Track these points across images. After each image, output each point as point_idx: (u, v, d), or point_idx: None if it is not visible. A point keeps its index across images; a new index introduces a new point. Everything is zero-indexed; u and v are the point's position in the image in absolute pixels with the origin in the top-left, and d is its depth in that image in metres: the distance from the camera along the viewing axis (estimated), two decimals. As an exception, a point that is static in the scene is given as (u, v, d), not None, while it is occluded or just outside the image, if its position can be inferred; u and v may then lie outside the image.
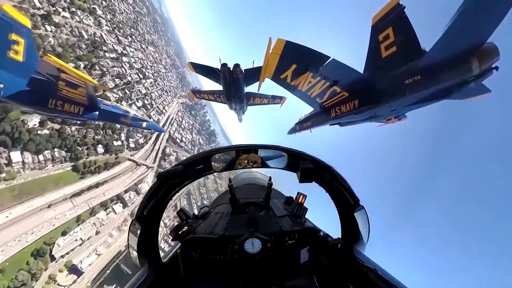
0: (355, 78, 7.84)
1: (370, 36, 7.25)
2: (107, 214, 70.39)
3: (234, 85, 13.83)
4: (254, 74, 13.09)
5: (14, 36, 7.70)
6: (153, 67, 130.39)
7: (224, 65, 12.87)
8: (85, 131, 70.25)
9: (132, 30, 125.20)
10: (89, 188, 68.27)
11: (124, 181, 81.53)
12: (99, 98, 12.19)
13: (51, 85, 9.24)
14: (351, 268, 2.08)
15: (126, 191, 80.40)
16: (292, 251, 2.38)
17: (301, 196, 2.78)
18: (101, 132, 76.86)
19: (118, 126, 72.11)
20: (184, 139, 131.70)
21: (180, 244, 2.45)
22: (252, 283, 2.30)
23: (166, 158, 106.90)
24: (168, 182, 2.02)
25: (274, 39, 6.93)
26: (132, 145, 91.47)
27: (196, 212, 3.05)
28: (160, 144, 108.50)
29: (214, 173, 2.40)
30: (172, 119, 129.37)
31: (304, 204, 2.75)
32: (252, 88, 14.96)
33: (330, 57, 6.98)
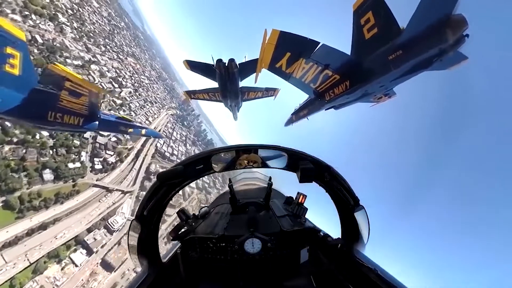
0: (344, 60, 8.52)
1: (352, 21, 7.99)
2: (61, 268, 47.72)
3: (229, 80, 14.04)
4: (247, 68, 13.41)
5: (9, 50, 7.61)
6: (133, 77, 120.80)
7: (219, 61, 13.12)
8: (24, 151, 50.02)
9: (107, 40, 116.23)
10: (30, 232, 46.06)
11: (86, 216, 60.02)
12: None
13: (52, 96, 9.12)
14: (351, 268, 2.08)
15: (90, 230, 59.06)
16: (292, 251, 2.38)
17: (301, 196, 2.79)
18: (50, 151, 56.43)
19: (76, 143, 64.06)
20: (176, 151, 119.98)
21: (180, 244, 2.45)
22: (252, 283, 2.30)
23: (152, 176, 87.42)
24: (168, 182, 2.02)
25: (263, 31, 7.59)
26: (98, 166, 70.35)
27: (196, 212, 3.04)
28: (143, 160, 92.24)
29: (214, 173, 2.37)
30: (159, 131, 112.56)
31: (304, 204, 2.76)
32: (245, 83, 15.26)
33: (320, 42, 7.67)
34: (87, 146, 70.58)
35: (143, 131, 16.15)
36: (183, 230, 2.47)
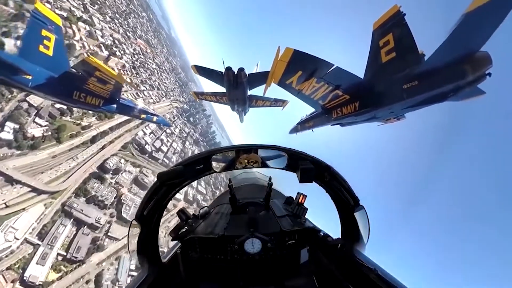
0: (356, 82, 8.23)
1: (371, 41, 7.61)
2: None
3: (237, 89, 13.96)
4: (257, 79, 13.29)
5: (45, 32, 8.50)
6: (136, 56, 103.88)
7: (228, 69, 13.01)
8: None
9: (117, 15, 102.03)
10: None
11: None
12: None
13: (81, 79, 10.06)
14: (351, 268, 2.08)
15: None
16: (292, 251, 2.37)
17: (301, 196, 2.78)
18: None
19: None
20: (166, 147, 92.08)
21: (180, 244, 2.45)
22: (252, 283, 2.29)
23: (105, 175, 58.84)
24: (168, 182, 2.01)
25: (279, 47, 7.31)
26: (7, 135, 42.26)
27: (196, 212, 3.04)
28: (102, 148, 61.01)
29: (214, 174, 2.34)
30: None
31: (304, 204, 2.75)
32: (254, 92, 15.10)
33: (334, 65, 7.36)
34: (8, 102, 44.17)
35: (155, 118, 16.82)
36: (183, 230, 2.46)
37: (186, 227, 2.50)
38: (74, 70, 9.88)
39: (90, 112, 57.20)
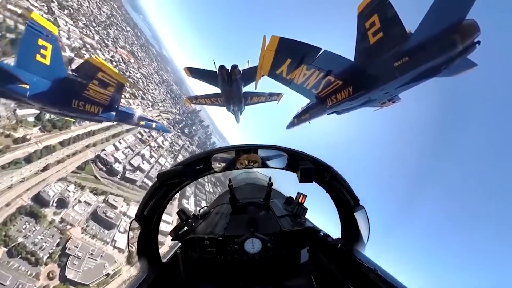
0: (347, 66, 8.20)
1: (357, 25, 7.61)
2: None
3: (232, 87, 13.83)
4: (251, 74, 13.11)
5: (41, 42, 8.53)
6: (114, 63, 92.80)
7: (222, 67, 12.90)
8: None
9: (94, 24, 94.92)
10: None
11: None
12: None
13: (79, 85, 9.95)
14: (351, 268, 2.08)
15: None
16: (292, 251, 2.38)
17: (301, 196, 2.78)
18: None
19: None
20: (148, 165, 75.49)
21: (180, 244, 2.45)
22: (252, 283, 2.29)
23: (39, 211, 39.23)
24: (168, 183, 2.01)
25: (265, 36, 7.29)
26: None
27: (196, 212, 3.03)
28: (43, 170, 43.23)
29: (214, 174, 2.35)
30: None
31: (304, 204, 2.75)
32: (248, 88, 15.00)
33: (322, 49, 7.32)
34: None
35: (154, 125, 16.85)
36: (183, 230, 2.46)
37: (186, 227, 2.50)
38: (75, 74, 9.83)
39: (30, 120, 45.12)
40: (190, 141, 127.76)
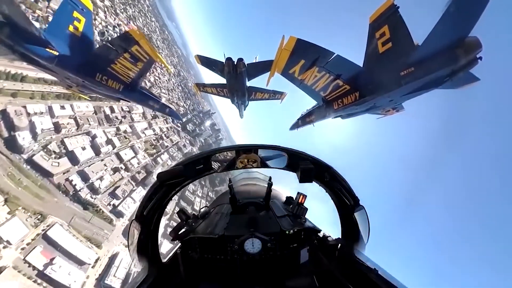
0: (356, 71, 8.67)
1: (368, 34, 8.11)
2: None
3: (237, 79, 14.55)
4: (256, 69, 13.90)
5: (76, 14, 9.00)
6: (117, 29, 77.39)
7: (228, 59, 13.64)
8: None
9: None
10: None
11: None
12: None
13: (108, 59, 10.06)
14: (351, 268, 2.09)
15: None
16: (292, 251, 2.38)
17: (301, 196, 2.78)
18: None
19: None
20: (85, 154, 49.73)
21: (180, 244, 2.45)
22: (252, 283, 2.30)
23: None
24: (168, 182, 2.02)
25: (284, 36, 7.78)
26: None
27: (196, 212, 3.04)
28: None
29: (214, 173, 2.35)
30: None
31: (304, 204, 2.75)
32: (253, 83, 15.54)
33: (335, 53, 7.82)
34: None
35: (167, 110, 16.56)
36: (183, 230, 2.47)
37: (186, 227, 2.50)
38: (110, 45, 9.94)
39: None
40: (192, 141, 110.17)
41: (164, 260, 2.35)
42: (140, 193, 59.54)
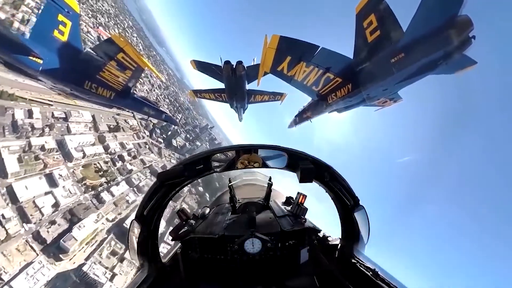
0: (345, 63, 8.50)
1: (355, 24, 7.93)
2: None
3: (236, 82, 14.06)
4: (255, 71, 13.25)
5: (61, 17, 8.25)
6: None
7: (227, 62, 13.09)
8: None
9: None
10: None
11: None
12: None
13: (97, 65, 9.49)
14: (351, 268, 2.08)
15: None
16: (292, 251, 2.37)
17: (301, 196, 2.77)
18: None
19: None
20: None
21: (180, 244, 2.45)
22: (252, 283, 2.30)
23: None
24: (168, 182, 2.01)
25: (266, 35, 7.75)
26: None
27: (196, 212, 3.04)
28: None
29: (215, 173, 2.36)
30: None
31: (304, 204, 2.75)
32: (252, 86, 15.19)
33: (319, 46, 7.70)
34: None
35: (163, 116, 16.23)
36: (183, 230, 2.47)
37: (186, 227, 2.50)
38: (93, 53, 9.36)
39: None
40: (169, 152, 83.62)
41: (164, 260, 2.35)
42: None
